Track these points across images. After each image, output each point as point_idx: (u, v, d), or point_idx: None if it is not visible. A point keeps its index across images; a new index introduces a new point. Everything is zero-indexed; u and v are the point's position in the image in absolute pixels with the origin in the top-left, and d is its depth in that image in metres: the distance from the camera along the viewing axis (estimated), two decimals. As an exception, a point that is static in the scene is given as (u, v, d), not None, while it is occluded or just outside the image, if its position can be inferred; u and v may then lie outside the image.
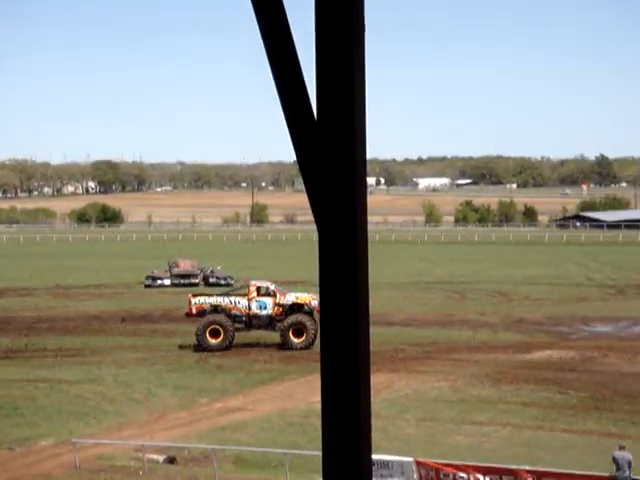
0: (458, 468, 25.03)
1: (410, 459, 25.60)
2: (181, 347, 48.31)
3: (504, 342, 49.31)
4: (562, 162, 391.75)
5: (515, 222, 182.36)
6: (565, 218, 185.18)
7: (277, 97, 4.09)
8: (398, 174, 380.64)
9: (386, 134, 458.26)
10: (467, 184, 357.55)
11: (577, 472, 24.62)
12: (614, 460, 23.94)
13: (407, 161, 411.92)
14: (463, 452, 28.18)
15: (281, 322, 48.29)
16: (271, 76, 4.07)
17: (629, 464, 23.61)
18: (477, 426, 31.88)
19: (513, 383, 38.58)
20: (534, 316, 59.11)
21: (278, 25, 4.04)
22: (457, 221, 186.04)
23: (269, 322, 49.03)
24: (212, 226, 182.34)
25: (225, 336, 47.79)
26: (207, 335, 47.62)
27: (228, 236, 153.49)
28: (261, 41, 4.05)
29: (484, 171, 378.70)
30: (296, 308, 49.03)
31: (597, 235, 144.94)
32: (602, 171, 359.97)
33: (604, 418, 32.55)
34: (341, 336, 3.97)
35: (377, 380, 38.35)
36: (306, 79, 4.09)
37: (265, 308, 49.26)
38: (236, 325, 48.62)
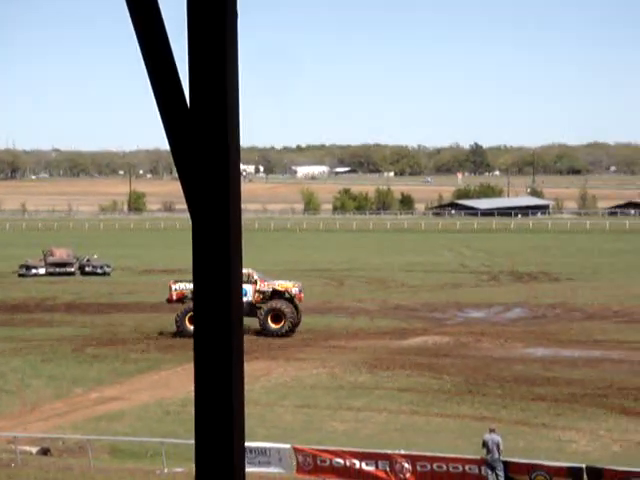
0: (335, 454, 25.28)
1: (287, 446, 25.74)
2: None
3: (381, 329, 49.92)
4: (438, 150, 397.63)
5: (392, 210, 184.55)
6: (441, 206, 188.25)
7: (149, 85, 4.06)
8: (277, 162, 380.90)
9: (265, 122, 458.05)
10: (345, 172, 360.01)
11: (450, 455, 25.14)
12: (484, 443, 24.48)
13: (286, 149, 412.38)
14: (340, 438, 28.46)
15: (260, 309, 48.60)
16: (142, 63, 4.04)
17: (497, 446, 24.19)
18: (354, 412, 32.22)
19: (389, 369, 39.08)
20: (410, 303, 59.97)
21: (149, 11, 4.00)
22: (335, 209, 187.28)
23: (250, 309, 48.78)
24: (88, 214, 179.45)
25: None
26: (186, 322, 47.31)
27: (105, 224, 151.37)
28: (132, 26, 4.01)
29: (362, 159, 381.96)
30: (277, 295, 49.15)
31: (471, 222, 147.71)
32: (476, 160, 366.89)
33: (477, 402, 33.25)
34: (214, 324, 3.97)
35: (255, 367, 38.44)
36: (179, 67, 4.06)
37: (245, 295, 48.92)
38: None
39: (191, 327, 47.29)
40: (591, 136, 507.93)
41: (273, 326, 48.11)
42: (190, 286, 49.20)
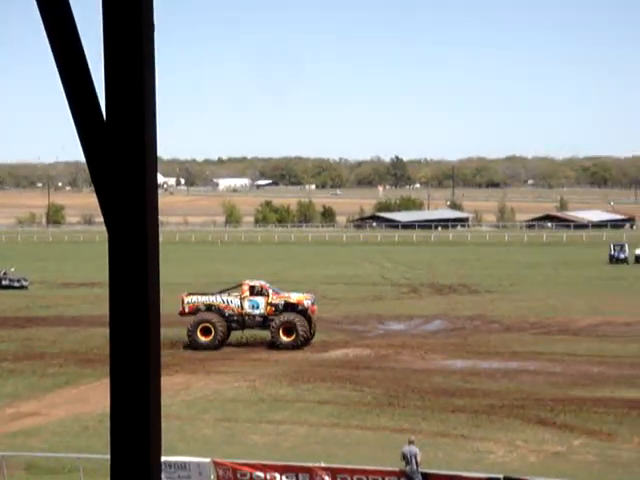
0: (255, 467, 25.20)
1: (207, 460, 25.59)
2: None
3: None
4: (359, 163, 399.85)
5: (314, 223, 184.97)
6: (362, 219, 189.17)
7: (65, 98, 4.02)
8: (198, 175, 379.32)
9: (186, 134, 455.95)
10: (267, 185, 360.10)
11: (370, 468, 25.23)
12: (403, 455, 24.62)
13: (207, 161, 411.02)
14: (261, 451, 28.39)
15: (273, 321, 48.25)
16: (58, 77, 4.00)
17: (415, 458, 24.34)
18: (274, 425, 32.17)
19: (310, 382, 39.11)
20: (331, 315, 60.03)
21: (64, 24, 3.96)
22: (257, 222, 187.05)
23: (263, 321, 48.81)
24: (6, 227, 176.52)
25: (215, 335, 47.68)
26: (198, 333, 47.50)
27: (23, 237, 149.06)
28: (46, 38, 3.97)
29: (284, 172, 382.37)
30: (290, 308, 48.76)
31: (392, 235, 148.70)
32: (397, 173, 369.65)
33: (397, 414, 33.44)
34: (131, 337, 3.93)
35: (176, 381, 38.20)
36: (95, 79, 4.04)
37: (257, 307, 48.95)
38: (233, 324, 48.72)
39: (203, 339, 47.58)
40: (509, 150, 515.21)
41: (285, 339, 47.82)
42: (202, 299, 49.38)
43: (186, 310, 49.23)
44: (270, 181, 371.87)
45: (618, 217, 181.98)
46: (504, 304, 64.44)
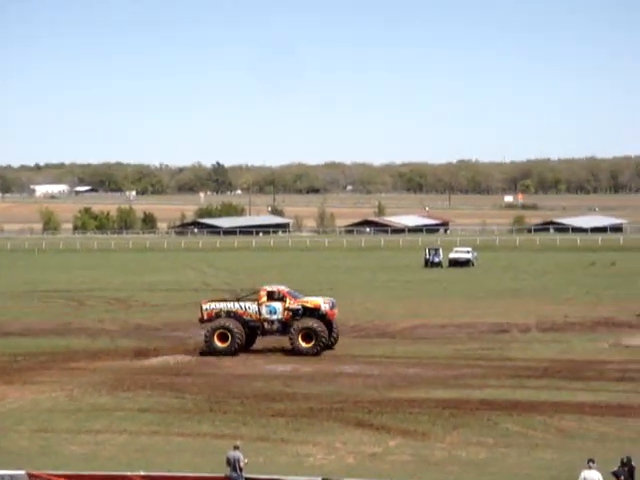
0: (71, 478, 24.76)
1: (22, 472, 24.98)
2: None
3: (122, 349, 49.31)
4: (180, 169, 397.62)
5: (135, 229, 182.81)
6: (183, 225, 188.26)
7: None
8: (14, 181, 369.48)
9: (1, 140, 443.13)
10: (86, 191, 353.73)
11: (191, 474, 25.19)
12: (228, 461, 24.69)
13: (24, 168, 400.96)
14: (78, 462, 27.88)
15: (291, 326, 47.23)
16: None
17: (238, 462, 24.45)
18: (93, 434, 31.64)
19: (130, 390, 38.65)
20: (152, 322, 59.61)
21: None
22: (76, 228, 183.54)
23: (283, 327, 47.85)
24: None
25: (232, 341, 46.88)
26: (215, 339, 47.15)
27: None
28: None
29: (103, 178, 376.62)
30: (308, 312, 47.62)
31: (214, 241, 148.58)
32: (219, 179, 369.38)
33: (218, 420, 33.42)
34: None
35: (-11, 393, 37.10)
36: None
37: (275, 313, 47.91)
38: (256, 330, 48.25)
39: (220, 344, 46.95)
40: (328, 156, 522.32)
41: (304, 345, 46.99)
42: (221, 305, 48.63)
43: (205, 317, 48.87)
44: (89, 187, 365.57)
45: (433, 222, 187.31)
46: (324, 308, 65.11)
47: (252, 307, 48.48)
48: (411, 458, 28.35)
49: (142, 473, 24.88)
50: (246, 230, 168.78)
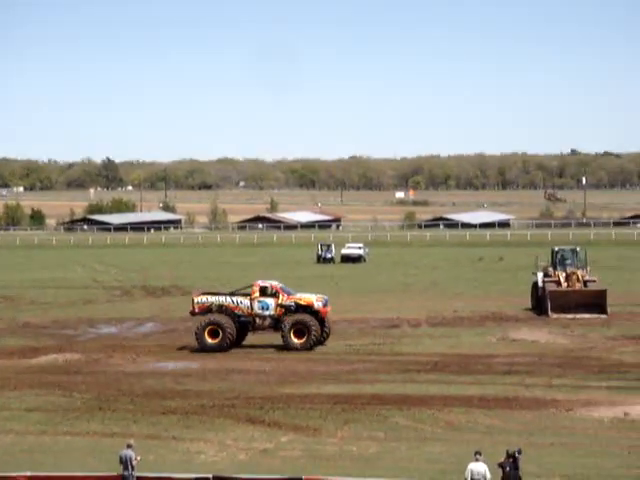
0: (-45, 480, 24.18)
1: None
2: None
3: (9, 348, 48.36)
4: (70, 165, 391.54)
5: (22, 226, 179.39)
6: (73, 221, 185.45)
7: None
8: None
9: None
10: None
11: (80, 474, 24.84)
12: (120, 459, 24.41)
13: None
14: (-38, 464, 27.22)
15: (283, 322, 46.23)
16: None
17: (130, 461, 24.20)
18: (-22, 436, 30.94)
19: (17, 389, 37.92)
20: (40, 320, 58.55)
21: None
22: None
23: (274, 323, 46.94)
24: None
25: (223, 337, 45.89)
26: (205, 335, 46.55)
27: None
28: None
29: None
30: (301, 309, 46.73)
31: (104, 237, 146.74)
32: (109, 174, 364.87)
33: (107, 418, 33.02)
34: None
35: None
36: None
37: (267, 309, 46.96)
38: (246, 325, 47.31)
39: (210, 340, 45.87)
40: (221, 152, 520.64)
41: (296, 341, 46.31)
42: (213, 299, 47.39)
43: (196, 310, 47.98)
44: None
45: (325, 218, 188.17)
46: (216, 305, 64.94)
47: (244, 302, 47.84)
48: (302, 453, 28.44)
49: (28, 474, 24.43)
50: (137, 226, 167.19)
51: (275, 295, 47.72)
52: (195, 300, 48.54)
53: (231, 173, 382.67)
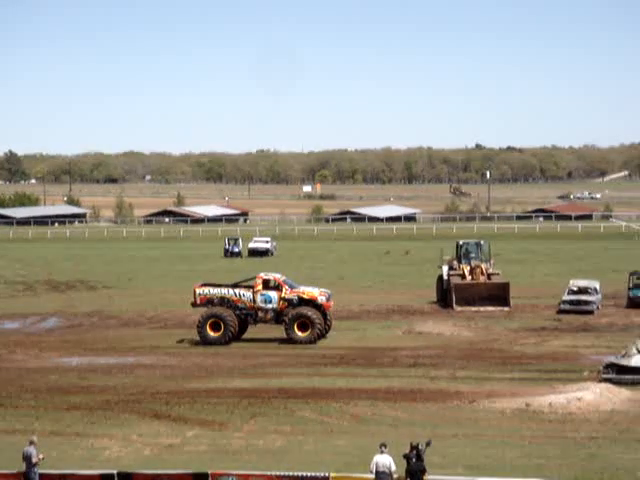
0: None
1: None
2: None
3: None
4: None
5: None
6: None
7: None
8: None
9: None
10: None
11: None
12: (23, 456, 24.04)
13: None
14: None
15: (286, 315, 45.31)
16: None
17: (30, 458, 23.83)
18: None
19: None
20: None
21: None
22: None
23: (276, 317, 46.11)
24: None
25: (225, 330, 45.12)
26: (207, 328, 46.14)
27: None
28: None
29: None
30: (304, 303, 45.92)
31: (7, 232, 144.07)
32: (12, 167, 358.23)
33: (9, 415, 32.50)
34: None
35: None
36: None
37: (270, 302, 46.11)
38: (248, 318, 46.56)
39: (212, 333, 45.09)
40: (126, 145, 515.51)
41: (300, 334, 45.63)
42: (215, 290, 46.43)
43: (198, 302, 47.10)
44: None
45: (233, 212, 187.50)
46: (122, 299, 64.48)
47: (247, 294, 47.19)
48: (208, 448, 28.37)
49: None
50: (41, 220, 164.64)
51: (278, 288, 47.35)
52: (197, 292, 47.92)
53: (137, 167, 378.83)
